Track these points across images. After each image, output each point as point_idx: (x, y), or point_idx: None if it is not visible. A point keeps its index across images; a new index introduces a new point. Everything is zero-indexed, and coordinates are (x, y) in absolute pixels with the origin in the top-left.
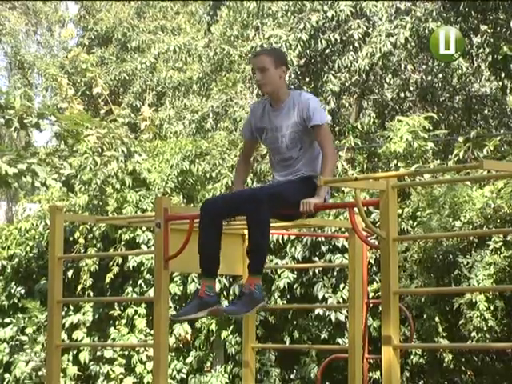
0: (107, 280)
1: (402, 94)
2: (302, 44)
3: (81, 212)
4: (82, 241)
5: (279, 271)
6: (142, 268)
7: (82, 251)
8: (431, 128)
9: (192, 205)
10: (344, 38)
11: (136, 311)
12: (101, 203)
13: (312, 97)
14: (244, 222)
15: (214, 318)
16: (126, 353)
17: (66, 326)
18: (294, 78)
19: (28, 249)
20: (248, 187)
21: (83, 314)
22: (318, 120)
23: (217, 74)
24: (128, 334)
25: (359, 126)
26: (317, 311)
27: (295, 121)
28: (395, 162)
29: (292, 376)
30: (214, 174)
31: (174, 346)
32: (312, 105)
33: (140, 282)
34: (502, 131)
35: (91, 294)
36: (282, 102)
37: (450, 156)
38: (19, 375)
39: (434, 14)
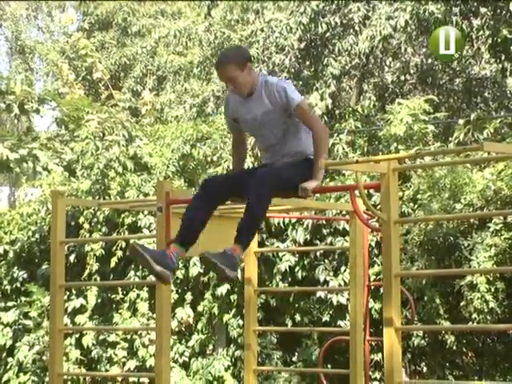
0: (112, 264)
1: (403, 77)
2: (302, 27)
3: (84, 197)
4: (86, 226)
5: (280, 254)
6: None
7: (87, 236)
8: (431, 111)
9: (193, 189)
10: (344, 22)
11: (138, 295)
12: (103, 187)
13: (279, 79)
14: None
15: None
16: (129, 336)
17: (69, 310)
18: (294, 62)
19: (30, 233)
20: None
21: (85, 298)
22: (297, 99)
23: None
24: (130, 317)
25: (359, 109)
26: (318, 294)
27: (269, 108)
28: (395, 144)
29: (294, 358)
30: (215, 158)
31: (176, 329)
32: (286, 88)
33: None
34: (502, 113)
35: (98, 278)
36: (253, 91)
37: (450, 138)
38: (22, 359)
39: None
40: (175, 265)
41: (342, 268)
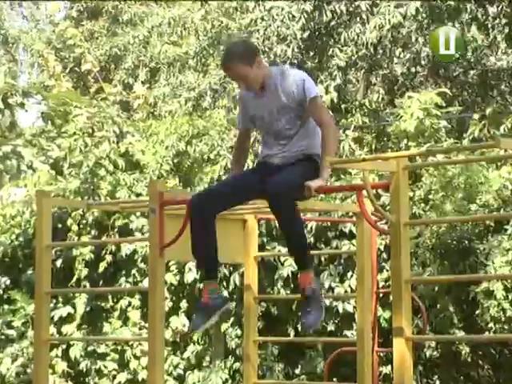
0: (100, 269)
1: (413, 69)
2: (305, 16)
3: (73, 197)
4: (75, 228)
5: (282, 259)
6: (136, 256)
7: (75, 239)
8: (444, 105)
9: (189, 188)
10: (350, 9)
11: (129, 303)
12: (92, 187)
13: (298, 71)
14: (244, 206)
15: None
16: (119, 347)
17: (55, 319)
18: (297, 53)
19: (14, 237)
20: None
21: (73, 306)
22: (313, 93)
23: (214, 49)
24: (121, 327)
25: (367, 103)
26: None
27: (285, 102)
28: (406, 141)
29: (297, 371)
30: (212, 156)
31: (171, 339)
32: (305, 79)
33: (134, 271)
34: None
35: (87, 285)
36: (266, 85)
37: (464, 134)
38: (5, 372)
39: None
40: (220, 299)
41: (349, 274)
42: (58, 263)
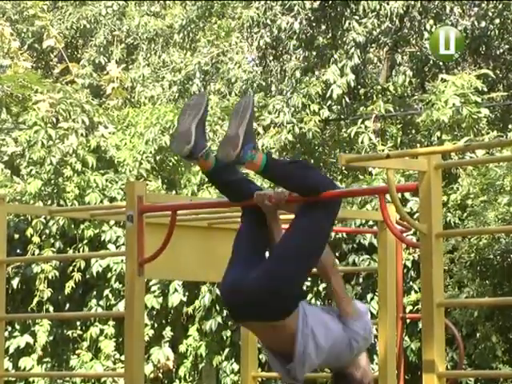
0: (67, 290)
1: None
2: None
3: (33, 202)
4: (35, 239)
5: None
6: (110, 274)
7: (36, 253)
8: (486, 89)
9: (174, 192)
10: None
11: (102, 331)
12: (56, 190)
13: None
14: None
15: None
16: None
17: (11, 350)
18: (305, 26)
19: None
20: None
21: (33, 334)
22: None
23: (205, 21)
24: (91, 360)
25: (391, 88)
26: None
27: None
28: (438, 134)
29: None
30: None
31: (152, 375)
32: None
33: (106, 292)
34: None
35: (50, 309)
36: None
37: (510, 126)
38: None
39: None
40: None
41: (369, 296)
42: (15, 283)
